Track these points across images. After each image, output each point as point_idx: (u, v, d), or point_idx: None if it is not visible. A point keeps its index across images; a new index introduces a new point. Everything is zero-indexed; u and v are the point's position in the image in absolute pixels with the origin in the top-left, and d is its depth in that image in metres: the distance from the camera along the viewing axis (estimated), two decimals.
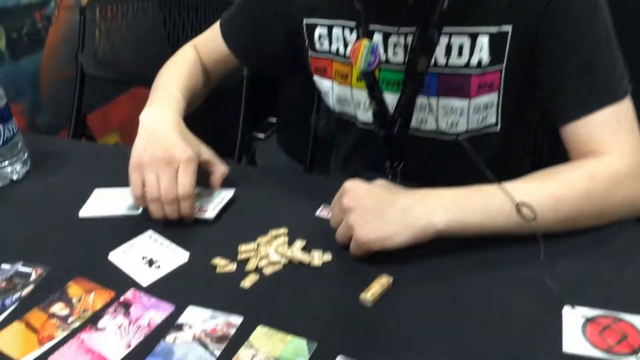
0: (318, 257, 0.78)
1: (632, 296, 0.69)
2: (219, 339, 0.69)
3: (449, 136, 0.91)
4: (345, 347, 0.66)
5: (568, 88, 0.82)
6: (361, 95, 0.94)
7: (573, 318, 0.67)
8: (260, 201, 0.92)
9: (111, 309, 0.74)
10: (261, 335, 0.69)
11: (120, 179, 0.98)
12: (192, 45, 1.09)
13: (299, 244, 0.81)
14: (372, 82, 0.90)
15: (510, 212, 0.74)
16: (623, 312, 0.66)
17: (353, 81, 0.94)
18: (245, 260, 0.79)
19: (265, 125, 2.75)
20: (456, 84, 0.86)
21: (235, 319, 0.71)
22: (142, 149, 0.86)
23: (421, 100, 0.89)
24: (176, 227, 0.87)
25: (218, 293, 0.76)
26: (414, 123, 0.92)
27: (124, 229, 0.88)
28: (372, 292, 0.72)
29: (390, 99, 0.91)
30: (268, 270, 0.77)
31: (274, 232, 0.83)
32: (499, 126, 0.91)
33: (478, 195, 0.75)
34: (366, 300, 0.72)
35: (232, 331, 0.70)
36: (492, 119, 0.90)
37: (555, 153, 1.11)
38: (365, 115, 0.96)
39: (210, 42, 1.07)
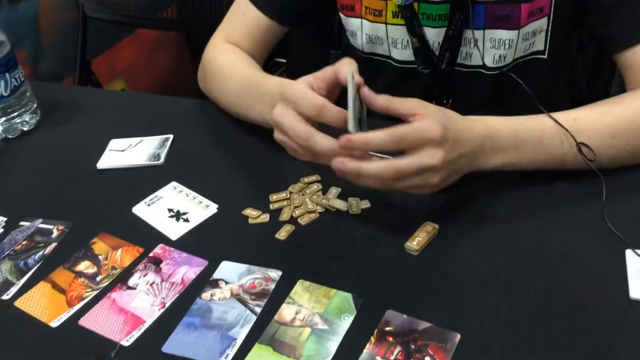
0: (356, 205, 0.74)
1: None
2: (259, 295, 0.65)
3: (495, 70, 0.85)
4: (394, 300, 0.62)
5: (624, 11, 0.75)
6: (398, 32, 0.87)
7: (637, 262, 0.62)
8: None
9: (141, 266, 0.70)
10: (302, 290, 0.65)
11: (134, 127, 0.94)
12: (221, 39, 0.96)
13: (335, 191, 0.76)
14: (411, 17, 0.83)
15: (566, 153, 0.69)
16: None
17: (388, 17, 0.87)
18: (278, 210, 0.75)
19: (273, 65, 2.66)
20: (505, 13, 0.80)
21: (274, 273, 0.67)
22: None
23: (466, 33, 0.82)
24: (200, 178, 0.82)
25: (252, 246, 0.71)
26: (458, 58, 0.85)
27: (145, 180, 0.83)
28: (418, 240, 0.68)
29: (432, 34, 0.85)
30: (304, 220, 0.73)
31: (305, 180, 0.78)
32: (546, 53, 0.84)
33: (535, 133, 0.70)
34: (412, 249, 0.67)
35: (272, 286, 0.66)
36: (539, 45, 0.84)
37: (593, 86, 1.05)
38: (402, 53, 0.89)
39: (242, 24, 0.95)
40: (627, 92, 0.77)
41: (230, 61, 0.92)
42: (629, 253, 0.63)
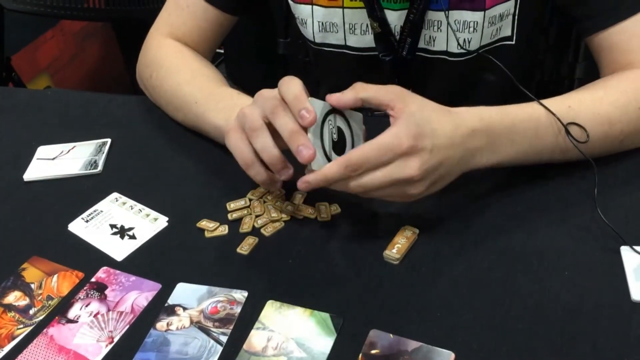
0: (325, 210, 0.67)
1: None
2: (223, 321, 0.57)
3: (460, 55, 0.79)
4: (377, 317, 0.56)
5: None
6: (356, 16, 0.80)
7: (635, 260, 0.58)
8: None
9: (82, 294, 0.61)
10: (273, 312, 0.57)
11: (64, 130, 0.83)
12: (164, 34, 0.87)
13: (300, 196, 0.69)
14: None
15: (560, 142, 0.65)
16: None
17: (345, 0, 0.79)
18: (238, 221, 0.67)
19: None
20: None
21: (238, 294, 0.59)
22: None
23: (429, 15, 0.76)
24: (145, 187, 0.73)
25: (211, 264, 0.63)
26: (421, 43, 0.79)
27: (82, 192, 0.73)
28: (398, 247, 0.61)
29: (393, 17, 0.78)
30: (268, 231, 0.65)
31: None
32: (514, 39, 0.80)
33: (532, 124, 0.64)
34: (392, 258, 0.61)
35: (238, 310, 0.58)
36: (507, 31, 0.79)
37: (558, 70, 1.01)
38: (361, 39, 0.82)
39: (186, 17, 0.86)
40: (604, 75, 0.73)
41: (187, 65, 0.83)
42: (624, 250, 0.59)
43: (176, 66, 0.83)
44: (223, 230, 0.66)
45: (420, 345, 0.53)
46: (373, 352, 0.53)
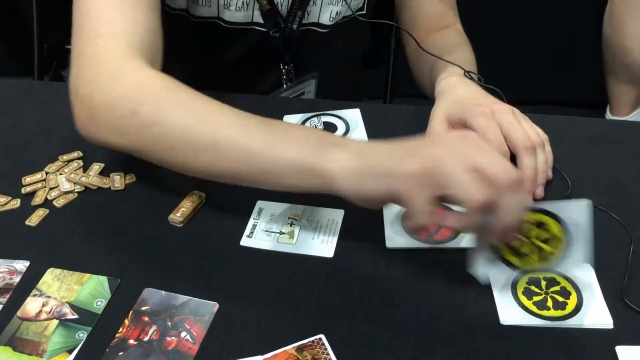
0: (120, 180, 0.68)
1: None
2: (1, 291, 0.58)
3: (327, 27, 0.85)
4: (153, 278, 0.58)
5: None
6: None
7: (391, 212, 0.64)
8: (44, 123, 0.76)
9: None
10: (52, 279, 0.59)
11: None
12: (127, 48, 0.63)
13: (97, 167, 0.70)
14: None
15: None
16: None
17: None
18: (32, 194, 0.67)
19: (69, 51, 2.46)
20: None
21: (20, 264, 0.60)
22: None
23: None
24: None
25: None
26: None
27: None
28: (183, 211, 0.64)
29: None
30: (60, 202, 0.66)
31: (65, 157, 0.71)
32: (365, 8, 0.87)
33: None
34: (176, 221, 0.64)
35: (17, 279, 0.59)
36: (360, 2, 0.86)
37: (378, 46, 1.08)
38: (234, 15, 0.81)
39: (133, 14, 0.64)
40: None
41: (192, 95, 0.61)
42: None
43: (182, 97, 0.61)
44: (14, 204, 0.66)
45: (189, 299, 0.57)
46: (143, 308, 0.56)
